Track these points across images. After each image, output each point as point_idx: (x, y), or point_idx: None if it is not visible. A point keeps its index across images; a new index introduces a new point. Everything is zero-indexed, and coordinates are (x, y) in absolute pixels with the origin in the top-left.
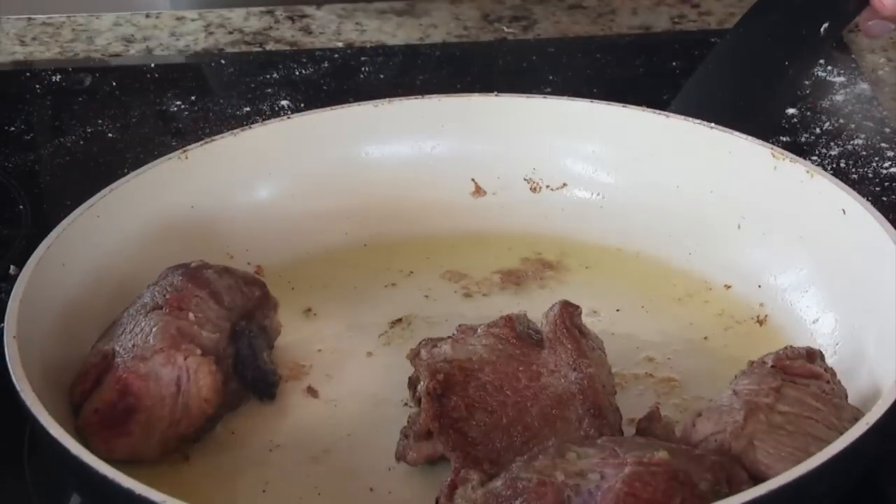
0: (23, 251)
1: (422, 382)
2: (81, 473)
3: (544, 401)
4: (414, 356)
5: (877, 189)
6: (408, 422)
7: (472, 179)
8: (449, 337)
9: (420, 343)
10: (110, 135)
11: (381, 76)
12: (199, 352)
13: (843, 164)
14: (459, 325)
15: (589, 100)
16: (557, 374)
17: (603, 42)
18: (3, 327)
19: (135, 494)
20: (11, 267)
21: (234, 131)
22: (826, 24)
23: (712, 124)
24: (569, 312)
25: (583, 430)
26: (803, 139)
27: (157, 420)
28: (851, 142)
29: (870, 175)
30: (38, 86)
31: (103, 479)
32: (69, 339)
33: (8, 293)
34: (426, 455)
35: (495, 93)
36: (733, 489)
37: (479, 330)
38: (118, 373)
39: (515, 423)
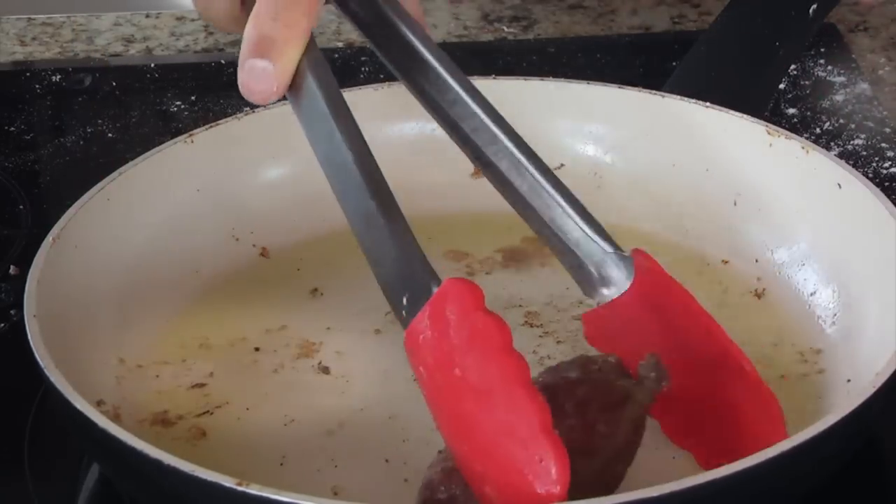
0: (23, 251)
1: None
2: (107, 446)
3: None
4: None
5: None
6: None
7: None
8: None
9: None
10: (110, 135)
11: (381, 76)
12: None
13: None
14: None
15: (586, 82)
16: None
17: (603, 42)
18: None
19: (163, 465)
20: (11, 267)
21: (239, 115)
22: (815, 5)
23: (707, 103)
24: None
25: None
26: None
27: None
28: (851, 142)
29: (870, 175)
30: (38, 86)
31: (131, 451)
32: (83, 320)
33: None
34: None
35: (493, 76)
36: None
37: None
38: None
39: None
